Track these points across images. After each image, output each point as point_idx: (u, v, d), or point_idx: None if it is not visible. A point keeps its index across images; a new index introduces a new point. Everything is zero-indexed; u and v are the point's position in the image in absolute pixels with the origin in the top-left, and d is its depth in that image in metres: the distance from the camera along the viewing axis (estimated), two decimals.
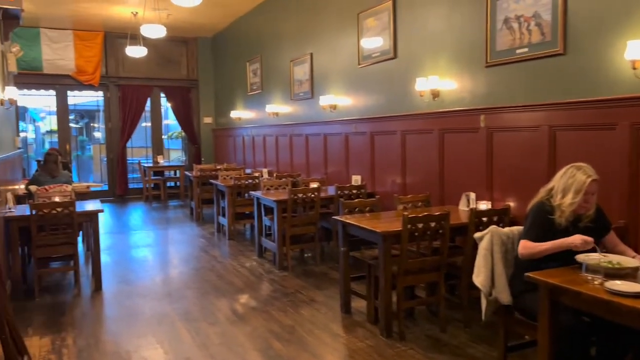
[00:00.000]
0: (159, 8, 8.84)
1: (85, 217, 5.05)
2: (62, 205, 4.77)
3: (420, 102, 5.10)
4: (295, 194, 5.52)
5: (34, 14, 9.62)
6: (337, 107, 6.81)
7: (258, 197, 6.09)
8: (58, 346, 3.65)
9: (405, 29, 5.40)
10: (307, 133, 7.67)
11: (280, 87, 8.64)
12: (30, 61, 10.56)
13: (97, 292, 4.96)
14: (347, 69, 6.52)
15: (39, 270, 4.87)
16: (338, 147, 6.80)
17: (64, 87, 11.32)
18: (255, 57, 9.64)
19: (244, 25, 10.27)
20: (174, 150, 14.11)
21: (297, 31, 7.94)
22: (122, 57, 11.44)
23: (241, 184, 7.17)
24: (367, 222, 3.98)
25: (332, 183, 6.67)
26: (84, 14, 9.76)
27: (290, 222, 5.56)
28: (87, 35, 11.10)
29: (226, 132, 11.63)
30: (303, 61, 7.72)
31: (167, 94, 12.21)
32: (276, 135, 8.84)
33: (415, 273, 3.71)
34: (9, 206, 4.94)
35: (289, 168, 8.33)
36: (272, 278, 5.32)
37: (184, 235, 7.78)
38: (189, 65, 12.34)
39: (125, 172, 11.88)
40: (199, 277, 5.42)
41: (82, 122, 17.36)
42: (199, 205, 8.93)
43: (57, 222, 4.78)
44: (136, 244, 7.23)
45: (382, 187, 5.86)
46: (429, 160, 5.06)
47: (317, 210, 5.65)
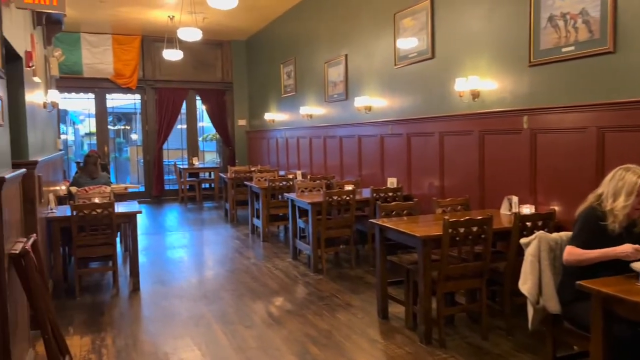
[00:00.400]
0: (195, 12, 8.94)
1: (123, 218, 5.12)
2: (101, 206, 4.85)
3: (460, 103, 4.98)
4: (330, 197, 5.47)
5: (75, 19, 9.87)
6: (372, 108, 6.73)
7: (292, 199, 6.07)
8: (98, 346, 3.70)
9: (443, 28, 5.29)
10: (341, 135, 7.61)
11: (314, 89, 8.61)
12: (71, 65, 10.85)
13: (135, 293, 5.02)
14: (383, 70, 6.44)
15: (79, 270, 4.97)
16: (373, 148, 6.72)
17: (103, 90, 11.60)
18: (289, 59, 9.65)
19: (277, 27, 10.30)
20: (208, 152, 14.27)
21: (331, 33, 7.90)
22: (158, 61, 11.64)
23: (275, 186, 7.17)
24: (405, 226, 3.89)
25: (366, 185, 6.60)
26: (122, 18, 9.96)
27: (325, 224, 5.51)
28: (125, 39, 11.34)
29: (260, 134, 11.69)
30: (337, 62, 7.67)
31: (202, 97, 12.36)
32: (310, 137, 8.82)
33: (456, 279, 3.61)
34: (51, 207, 5.05)
35: (322, 170, 8.29)
36: (307, 281, 5.28)
37: (218, 237, 7.83)
38: (224, 68, 12.46)
39: (162, 173, 12.08)
40: (234, 279, 5.42)
41: (120, 125, 17.76)
42: (234, 207, 8.99)
43: (97, 223, 4.87)
44: (172, 245, 7.31)
45: (418, 189, 5.75)
46: (468, 162, 4.94)
47: (352, 213, 5.59)
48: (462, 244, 3.60)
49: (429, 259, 3.52)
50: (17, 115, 3.83)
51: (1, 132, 2.80)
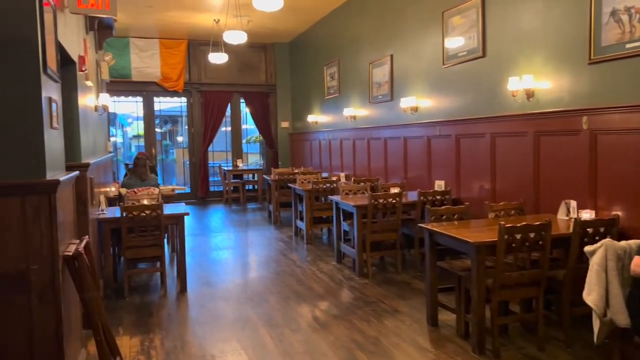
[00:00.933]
0: (240, 15, 9.02)
1: (171, 219, 5.18)
2: (150, 208, 4.91)
3: (513, 103, 4.79)
4: (376, 199, 5.36)
5: (124, 24, 10.14)
6: (418, 109, 6.58)
7: (337, 201, 5.99)
8: (147, 347, 3.73)
9: (495, 26, 5.11)
10: (386, 136, 7.49)
11: (358, 90, 8.52)
12: (120, 69, 11.15)
13: (182, 294, 5.06)
14: (430, 70, 6.29)
15: (128, 270, 5.05)
16: (419, 150, 6.57)
17: (150, 93, 11.87)
18: (332, 60, 9.60)
19: (321, 29, 10.26)
20: (252, 154, 14.40)
21: (376, 33, 7.79)
22: (204, 64, 11.82)
23: (319, 188, 7.12)
24: (456, 231, 3.75)
25: (412, 188, 6.46)
26: (169, 22, 10.16)
27: (371, 228, 5.41)
28: (172, 43, 11.57)
29: (302, 136, 11.68)
30: (382, 63, 7.56)
31: (246, 99, 12.47)
32: (353, 138, 8.73)
33: (511, 287, 3.44)
34: (102, 208, 5.16)
35: (366, 172, 8.18)
36: (352, 285, 5.19)
37: (262, 238, 7.84)
38: (268, 70, 12.54)
39: (207, 175, 12.26)
40: (279, 282, 5.40)
41: (166, 127, 18.19)
42: (277, 209, 8.99)
43: (146, 225, 4.94)
44: (217, 246, 7.37)
45: (468, 192, 5.58)
46: (522, 165, 4.74)
47: (398, 216, 5.47)
48: (518, 250, 3.44)
49: (483, 266, 3.38)
50: (70, 118, 3.91)
51: (56, 135, 2.86)
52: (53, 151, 2.71)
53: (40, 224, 2.45)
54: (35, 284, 2.46)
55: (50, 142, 2.64)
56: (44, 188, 2.44)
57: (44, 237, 2.46)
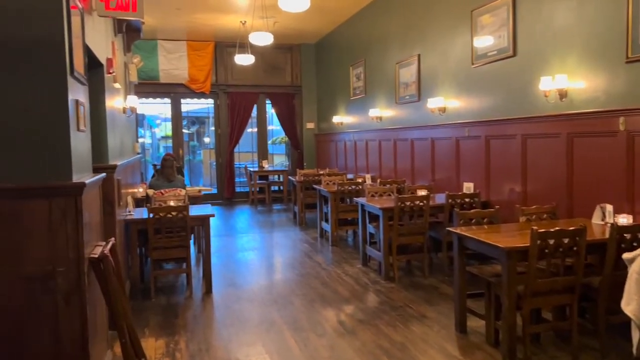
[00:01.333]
0: (266, 16, 9.03)
1: (197, 221, 5.19)
2: (176, 209, 4.93)
3: (545, 103, 4.64)
4: (402, 202, 5.27)
5: (152, 27, 10.27)
6: (446, 109, 6.46)
7: (362, 204, 5.92)
8: (172, 349, 3.73)
9: (526, 24, 4.97)
10: (413, 137, 7.38)
11: (385, 90, 8.42)
12: (148, 71, 11.29)
13: (208, 295, 5.06)
14: (459, 70, 6.16)
15: (155, 271, 5.08)
16: (447, 152, 6.45)
17: (178, 95, 11.99)
18: (358, 61, 9.52)
19: (347, 29, 10.20)
20: (277, 155, 14.43)
21: (403, 33, 7.69)
22: (231, 66, 11.89)
23: (344, 190, 7.06)
24: (486, 235, 3.65)
25: (440, 190, 6.34)
26: (197, 24, 10.24)
27: (397, 231, 5.32)
28: (199, 45, 11.66)
29: (328, 137, 11.63)
30: (409, 63, 7.45)
31: (272, 100, 12.50)
32: (379, 139, 8.64)
33: (544, 294, 3.32)
34: (129, 209, 5.20)
35: (392, 174, 8.08)
36: (378, 289, 5.12)
37: (287, 240, 7.82)
38: (293, 71, 12.54)
39: (233, 176, 12.33)
40: (304, 284, 5.36)
41: (194, 128, 18.38)
42: (302, 210, 8.97)
43: (172, 226, 4.95)
44: (243, 247, 7.38)
45: (498, 195, 5.44)
46: (555, 167, 4.59)
47: (426, 219, 5.37)
48: (550, 256, 3.31)
49: (514, 272, 3.27)
50: (98, 120, 3.95)
51: (83, 137, 2.87)
52: (80, 153, 2.72)
53: (66, 226, 2.46)
54: (61, 286, 2.47)
55: (76, 145, 2.65)
56: (70, 190, 2.45)
57: (70, 239, 2.46)
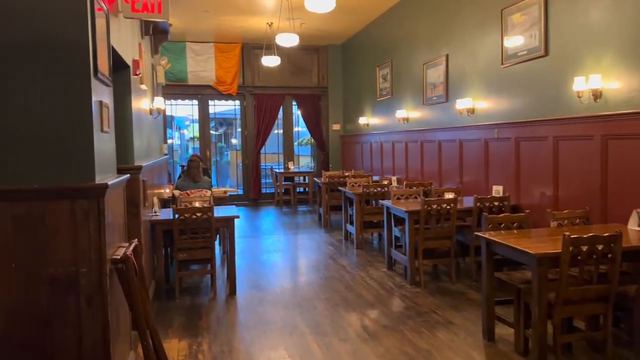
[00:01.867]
0: (292, 17, 9.02)
1: (222, 222, 5.19)
2: (201, 210, 4.94)
3: (578, 105, 4.48)
4: (429, 205, 5.17)
5: (181, 29, 10.37)
6: (475, 111, 6.32)
7: (388, 206, 5.84)
8: (194, 351, 3.73)
9: (559, 23, 4.81)
10: (441, 139, 7.25)
11: (411, 91, 8.31)
12: (176, 73, 11.43)
13: (232, 297, 5.06)
14: (488, 70, 6.02)
15: (180, 272, 5.10)
16: (476, 154, 6.31)
17: (205, 96, 12.09)
18: (385, 61, 9.43)
19: (374, 30, 10.12)
20: (303, 156, 14.41)
21: (431, 33, 7.57)
22: (257, 67, 11.93)
23: (370, 192, 6.98)
24: (515, 240, 3.53)
25: (468, 193, 6.21)
26: (224, 27, 10.31)
27: (424, 234, 5.22)
28: (226, 47, 11.74)
29: (354, 138, 11.56)
30: (437, 63, 7.33)
31: (298, 102, 12.49)
32: (405, 141, 8.52)
33: (576, 302, 3.19)
34: (155, 210, 5.24)
35: (419, 176, 7.96)
36: (403, 293, 5.03)
37: (312, 242, 7.78)
38: (320, 72, 12.51)
39: (259, 177, 12.36)
40: (328, 287, 5.30)
41: (221, 130, 18.55)
42: (327, 212, 8.92)
43: (197, 227, 4.97)
44: (267, 249, 7.37)
45: (528, 199, 5.28)
46: (588, 170, 4.42)
47: (453, 223, 5.25)
48: (583, 263, 3.18)
49: (544, 279, 3.15)
50: (123, 122, 3.98)
51: (107, 138, 2.88)
52: (103, 154, 2.73)
53: (89, 227, 2.46)
54: (84, 288, 2.48)
55: (100, 146, 2.66)
56: (93, 192, 2.45)
57: (92, 240, 2.47)
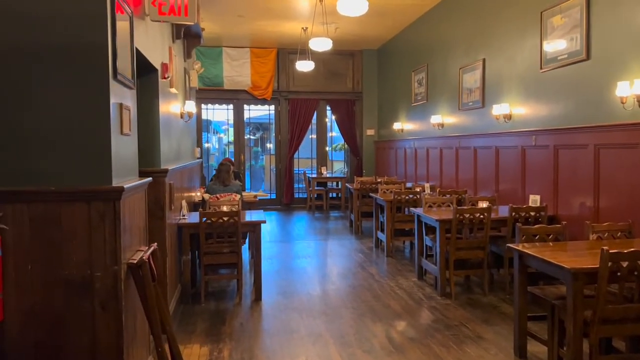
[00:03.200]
0: (327, 22, 8.98)
1: (248, 227, 5.15)
2: (228, 214, 4.91)
3: (622, 111, 4.23)
4: (461, 214, 4.99)
5: (216, 34, 10.49)
6: (512, 117, 6.09)
7: (419, 214, 5.68)
8: (215, 358, 3.67)
9: (602, 25, 4.57)
10: (476, 145, 7.03)
11: (447, 96, 8.11)
12: (213, 78, 11.57)
13: (257, 302, 5.00)
14: (526, 75, 5.79)
15: (206, 276, 5.08)
16: (512, 161, 6.07)
17: (241, 101, 12.18)
18: (420, 66, 9.25)
19: (410, 34, 9.96)
20: (336, 161, 14.34)
21: (467, 37, 7.37)
22: (292, 72, 11.95)
23: (401, 199, 6.83)
24: (550, 253, 3.33)
25: (504, 202, 5.98)
26: (259, 31, 10.36)
27: (455, 244, 5.04)
28: (262, 52, 11.80)
29: (388, 144, 11.40)
30: (474, 68, 7.12)
31: (332, 107, 12.42)
32: (440, 147, 8.32)
33: (616, 322, 2.98)
34: (183, 213, 5.25)
35: (453, 183, 7.75)
36: (432, 305, 4.86)
37: (342, 249, 7.67)
38: (354, 77, 12.42)
39: (292, 182, 12.33)
40: (355, 296, 5.18)
41: (258, 134, 18.71)
42: (358, 218, 8.80)
43: (223, 231, 4.94)
44: (297, 254, 7.31)
45: (566, 210, 5.03)
46: (632, 181, 4.16)
47: (486, 233, 5.05)
48: (624, 280, 2.97)
49: (580, 296, 2.95)
50: (150, 125, 3.99)
51: (128, 141, 2.87)
52: (122, 157, 2.72)
53: (104, 230, 2.44)
54: (99, 292, 2.46)
55: (119, 148, 2.64)
56: (109, 195, 2.43)
57: (107, 244, 2.45)
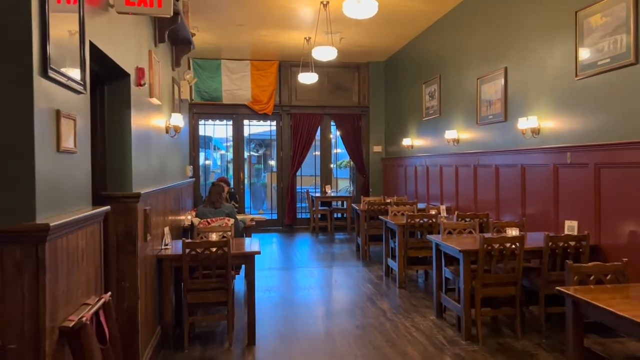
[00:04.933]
0: (331, 32, 8.37)
1: (240, 259, 4.44)
2: (216, 244, 4.21)
3: None
4: (489, 244, 4.27)
5: (215, 45, 9.89)
6: (540, 131, 5.40)
7: (437, 243, 4.95)
8: None
9: None
10: (498, 163, 6.32)
11: (463, 110, 7.43)
12: (211, 92, 10.95)
13: (250, 348, 4.27)
14: (558, 83, 5.11)
15: (190, 317, 4.35)
16: (542, 182, 5.36)
17: (240, 116, 11.51)
18: (432, 77, 8.60)
19: (420, 44, 9.32)
20: (341, 179, 13.61)
21: (486, 44, 6.71)
22: (294, 86, 11.34)
23: (415, 223, 6.11)
24: (611, 301, 2.62)
25: (533, 228, 5.27)
26: (260, 42, 9.74)
27: (483, 279, 4.31)
28: (263, 64, 11.18)
29: (396, 161, 10.69)
30: (494, 78, 6.45)
31: (337, 122, 11.74)
32: (456, 165, 7.61)
33: None
34: (166, 241, 4.55)
35: (471, 204, 7.02)
36: (456, 352, 4.11)
37: (349, 278, 6.92)
38: (360, 91, 11.78)
39: (295, 201, 11.60)
40: (364, 340, 4.44)
41: (261, 151, 18.07)
42: (366, 242, 8.06)
43: (211, 264, 4.23)
44: (298, 284, 6.57)
45: (612, 238, 4.30)
46: None
47: (519, 266, 4.32)
48: None
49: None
50: (120, 140, 3.31)
51: (73, 160, 2.19)
52: (60, 182, 2.04)
53: (22, 285, 1.75)
54: None
55: (53, 170, 1.96)
56: (27, 236, 1.74)
57: (26, 304, 1.75)
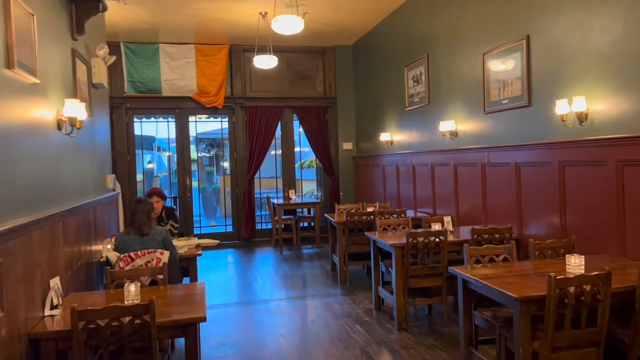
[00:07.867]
0: (294, 4, 6.77)
1: (172, 331, 2.75)
2: (130, 311, 2.52)
3: None
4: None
5: (151, 25, 8.10)
6: (589, 116, 3.98)
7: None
8: None
9: None
10: (519, 161, 4.88)
11: (462, 95, 5.98)
12: (147, 82, 9.12)
13: None
14: (615, 50, 3.69)
15: None
16: (593, 184, 3.94)
17: (184, 111, 9.69)
18: (417, 58, 7.11)
19: (400, 19, 7.81)
20: (307, 181, 11.97)
21: (496, 8, 5.27)
22: (249, 74, 9.66)
23: (417, 243, 4.59)
24: None
25: (588, 249, 3.83)
26: (205, 20, 7.98)
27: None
28: (210, 49, 9.42)
29: (371, 160, 9.18)
30: (509, 51, 5.00)
31: (300, 116, 10.10)
32: (453, 164, 6.15)
33: None
34: (53, 303, 2.81)
35: (478, 213, 5.57)
36: None
37: (328, 314, 5.30)
38: (326, 80, 10.19)
39: (253, 210, 9.88)
40: None
41: (213, 152, 16.21)
42: (345, 263, 6.48)
43: (123, 344, 2.54)
44: (264, 331, 4.90)
45: None
46: None
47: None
48: None
49: None
50: None
51: None
52: None
53: None
54: None
55: None
56: None
57: None
